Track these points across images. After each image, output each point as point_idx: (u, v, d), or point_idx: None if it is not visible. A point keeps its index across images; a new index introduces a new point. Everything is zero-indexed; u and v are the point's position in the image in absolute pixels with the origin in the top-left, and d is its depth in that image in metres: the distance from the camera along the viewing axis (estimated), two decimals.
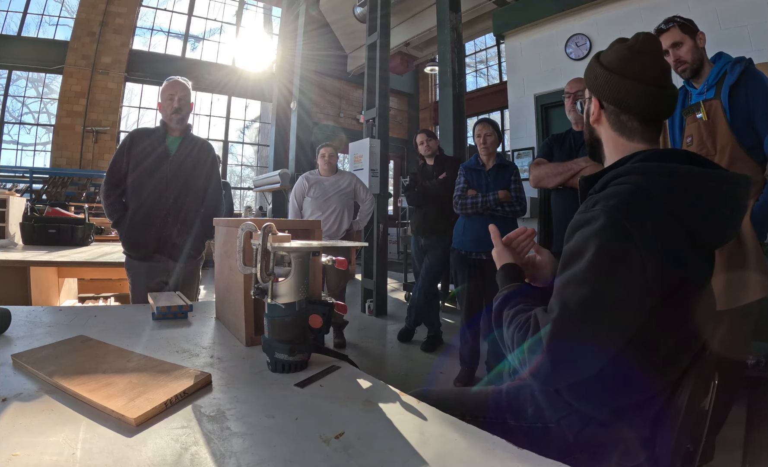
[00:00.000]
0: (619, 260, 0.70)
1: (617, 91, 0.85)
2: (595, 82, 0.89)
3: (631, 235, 0.69)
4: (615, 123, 0.87)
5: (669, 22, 1.71)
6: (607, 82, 0.86)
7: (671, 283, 0.71)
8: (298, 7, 7.67)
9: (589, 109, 0.91)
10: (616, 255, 0.70)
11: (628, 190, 0.74)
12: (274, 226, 0.91)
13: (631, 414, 0.76)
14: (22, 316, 1.23)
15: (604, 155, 0.91)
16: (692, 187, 0.74)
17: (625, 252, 0.69)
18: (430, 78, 10.68)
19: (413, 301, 3.43)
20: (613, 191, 0.76)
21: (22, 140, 8.12)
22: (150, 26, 8.94)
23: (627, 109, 0.85)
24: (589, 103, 0.91)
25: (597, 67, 0.89)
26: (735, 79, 1.61)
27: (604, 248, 0.70)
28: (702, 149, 1.70)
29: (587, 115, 0.93)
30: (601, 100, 0.88)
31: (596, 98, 0.89)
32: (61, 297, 3.00)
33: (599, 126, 0.91)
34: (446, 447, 0.62)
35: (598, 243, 0.70)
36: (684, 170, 0.75)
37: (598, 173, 0.86)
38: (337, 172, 3.37)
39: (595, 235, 0.71)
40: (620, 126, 0.86)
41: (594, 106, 0.90)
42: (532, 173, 2.27)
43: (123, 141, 2.11)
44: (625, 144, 0.86)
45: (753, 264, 1.55)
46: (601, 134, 0.91)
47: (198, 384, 0.78)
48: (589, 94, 0.91)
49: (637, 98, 0.83)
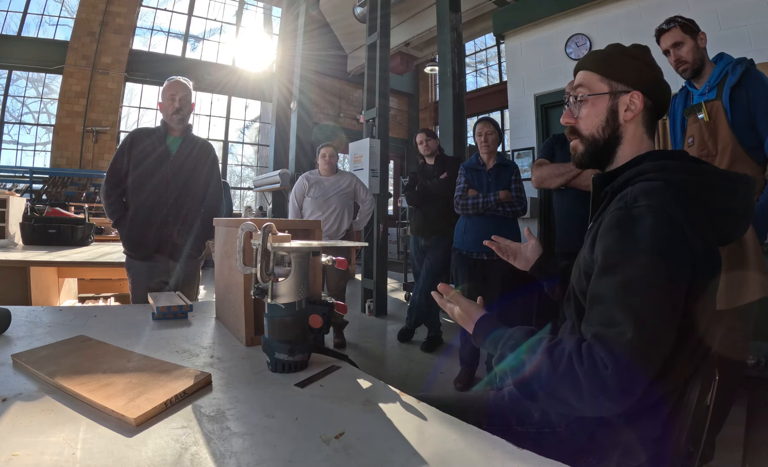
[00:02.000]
0: (679, 256, 0.67)
1: (662, 90, 0.85)
2: (639, 75, 0.84)
3: (683, 229, 0.67)
4: (648, 120, 0.85)
5: (670, 23, 1.71)
6: (654, 79, 0.85)
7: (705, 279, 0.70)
8: (298, 7, 7.66)
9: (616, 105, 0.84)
10: (676, 251, 0.67)
11: (663, 186, 0.72)
12: (274, 226, 0.91)
13: (644, 416, 0.75)
14: (22, 316, 1.23)
15: (617, 155, 0.86)
16: (715, 186, 0.75)
17: (681, 247, 0.67)
18: (430, 78, 10.68)
19: (414, 302, 3.43)
20: (649, 187, 0.72)
21: (22, 140, 8.13)
22: (150, 26, 8.94)
23: (666, 107, 0.86)
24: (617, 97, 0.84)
25: (636, 62, 0.85)
26: (736, 80, 1.61)
27: (663, 245, 0.66)
28: (703, 149, 1.70)
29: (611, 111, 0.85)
30: (649, 96, 0.84)
31: (641, 93, 0.83)
32: (61, 297, 3.00)
33: (629, 124, 0.85)
34: (446, 447, 0.62)
35: (656, 240, 0.66)
36: (708, 168, 0.76)
37: (614, 171, 0.84)
38: (337, 172, 3.37)
39: (650, 232, 0.67)
40: (650, 124, 0.86)
41: (638, 99, 0.83)
42: (534, 174, 2.27)
43: (123, 141, 2.11)
44: (647, 142, 0.86)
45: (753, 264, 1.55)
46: (626, 132, 0.85)
47: (198, 384, 0.78)
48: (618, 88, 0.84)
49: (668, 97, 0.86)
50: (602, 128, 0.86)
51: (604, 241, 0.73)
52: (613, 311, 0.66)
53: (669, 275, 0.66)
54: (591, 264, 0.78)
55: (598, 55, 0.90)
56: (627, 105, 0.84)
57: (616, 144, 0.86)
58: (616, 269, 0.69)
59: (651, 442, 0.76)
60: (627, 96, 0.84)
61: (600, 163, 0.90)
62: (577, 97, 0.89)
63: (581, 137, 0.89)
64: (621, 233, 0.71)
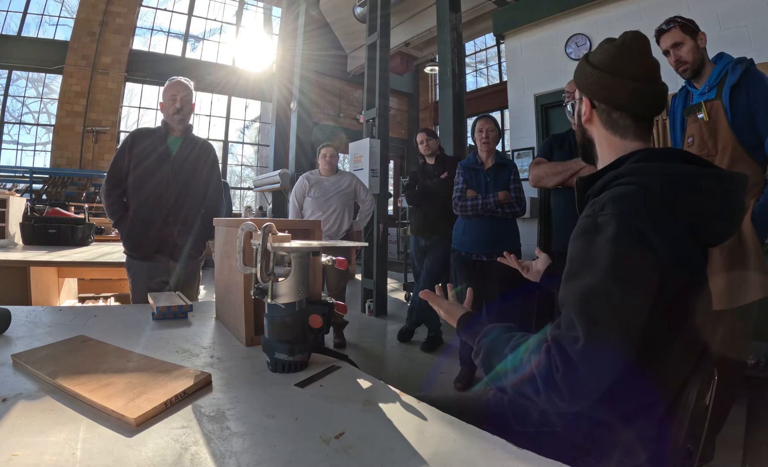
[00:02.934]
0: (639, 266, 0.67)
1: (609, 89, 0.85)
2: (585, 81, 0.88)
3: (647, 238, 0.68)
4: (607, 122, 0.87)
5: (670, 23, 1.71)
6: (598, 81, 0.85)
7: (680, 284, 0.70)
8: (298, 7, 7.66)
9: (581, 109, 0.91)
10: (635, 262, 0.68)
11: (635, 191, 0.72)
12: (274, 226, 0.91)
13: (641, 415, 0.75)
14: (22, 316, 1.23)
15: (597, 155, 0.91)
16: (695, 187, 0.74)
17: (642, 257, 0.68)
18: (430, 78, 10.68)
19: (414, 302, 3.43)
20: (619, 192, 0.74)
21: (22, 140, 8.13)
22: (150, 26, 8.94)
23: (619, 106, 0.84)
24: (580, 103, 0.91)
25: (586, 67, 0.88)
26: (736, 79, 1.61)
27: (623, 254, 0.67)
28: (703, 149, 1.70)
29: (578, 116, 0.92)
30: (593, 99, 0.88)
31: (587, 98, 0.88)
32: (61, 297, 3.00)
33: (591, 126, 0.90)
34: (446, 447, 0.62)
35: (615, 250, 0.68)
36: (687, 169, 0.75)
37: (596, 174, 0.85)
38: (337, 172, 3.37)
39: (610, 241, 0.68)
40: (612, 124, 0.86)
41: (585, 105, 0.89)
42: (531, 173, 2.27)
43: (124, 141, 2.11)
44: (618, 142, 0.86)
45: (753, 264, 1.55)
46: (593, 134, 0.90)
47: (198, 384, 0.78)
48: (580, 94, 0.90)
49: (629, 95, 0.83)
50: (578, 131, 0.95)
51: (571, 247, 0.76)
52: (571, 315, 0.68)
53: (626, 283, 0.67)
54: None
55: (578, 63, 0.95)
56: (584, 109, 0.90)
57: (591, 146, 0.92)
58: (578, 275, 0.71)
59: (650, 442, 0.75)
60: (582, 102, 0.90)
61: (590, 161, 0.95)
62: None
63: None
64: (584, 240, 0.73)
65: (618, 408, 0.76)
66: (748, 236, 1.57)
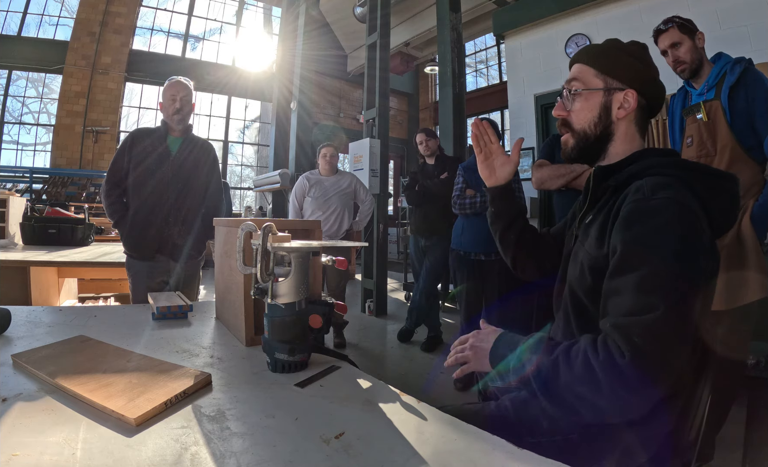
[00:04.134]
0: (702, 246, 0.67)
1: (654, 87, 0.85)
2: (635, 75, 0.84)
3: (701, 223, 0.69)
4: (640, 119, 0.86)
5: (668, 23, 1.71)
6: (648, 76, 0.85)
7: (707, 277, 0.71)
8: (298, 7, 7.67)
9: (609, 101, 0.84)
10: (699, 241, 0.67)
11: (675, 182, 0.73)
12: (274, 226, 0.91)
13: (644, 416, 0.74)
14: (22, 316, 1.23)
15: (608, 151, 0.87)
16: (710, 183, 0.76)
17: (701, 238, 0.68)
18: (430, 78, 10.68)
19: (414, 302, 3.43)
20: (662, 181, 0.73)
21: (22, 140, 8.13)
22: (150, 26, 8.94)
23: (659, 107, 0.86)
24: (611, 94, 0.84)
25: (630, 60, 0.85)
26: (735, 79, 1.61)
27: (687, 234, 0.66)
28: (702, 149, 1.70)
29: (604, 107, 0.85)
30: (642, 94, 0.85)
31: (635, 91, 0.84)
32: (61, 297, 3.00)
33: (623, 121, 0.85)
34: (446, 447, 0.62)
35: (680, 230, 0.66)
36: (705, 167, 0.78)
37: (615, 165, 0.85)
38: (337, 172, 3.37)
39: (674, 222, 0.67)
40: (643, 122, 0.86)
41: (632, 98, 0.83)
42: (534, 175, 2.27)
43: (124, 141, 2.11)
44: (638, 141, 0.86)
45: (753, 264, 1.55)
46: (619, 129, 0.85)
47: (198, 384, 0.78)
48: (613, 84, 0.84)
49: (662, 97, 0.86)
50: (594, 124, 0.86)
51: (622, 234, 0.71)
52: (636, 300, 0.64)
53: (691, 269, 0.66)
54: (600, 259, 0.76)
55: (595, 49, 0.89)
56: (620, 102, 0.84)
57: (607, 141, 0.86)
58: (639, 261, 0.66)
59: (651, 442, 0.75)
60: (621, 93, 0.84)
61: (589, 158, 0.89)
62: (571, 90, 0.88)
63: (572, 131, 0.89)
64: (642, 225, 0.69)
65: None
66: (748, 236, 1.57)
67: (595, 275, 0.77)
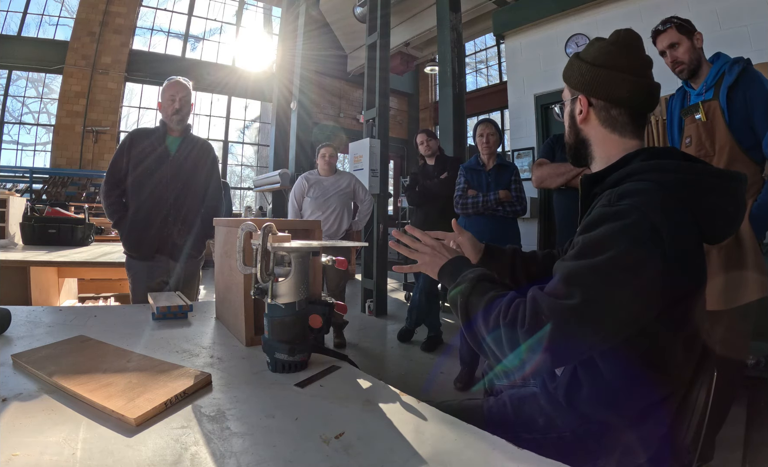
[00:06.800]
0: (647, 258, 0.67)
1: (608, 85, 0.84)
2: (581, 79, 0.86)
3: (661, 234, 0.68)
4: (606, 119, 0.85)
5: (666, 23, 1.71)
6: (596, 77, 0.84)
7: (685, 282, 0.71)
8: (298, 7, 7.66)
9: (573, 110, 0.89)
10: (644, 253, 0.67)
11: (651, 187, 0.72)
12: (274, 226, 0.92)
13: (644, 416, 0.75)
14: (22, 316, 1.23)
15: (593, 155, 0.89)
16: (706, 185, 0.74)
17: (652, 251, 0.68)
18: (430, 78, 10.67)
19: (414, 302, 3.43)
20: (636, 187, 0.73)
21: (22, 140, 8.12)
22: (150, 26, 8.93)
23: (619, 102, 0.84)
24: (573, 103, 0.89)
25: (581, 64, 0.87)
26: (733, 79, 1.61)
27: (634, 244, 0.67)
28: (701, 149, 1.70)
29: (571, 116, 0.90)
30: (590, 96, 0.86)
31: (584, 96, 0.87)
32: (61, 297, 3.00)
33: (587, 126, 0.88)
34: (446, 447, 0.62)
35: (628, 239, 0.68)
36: (700, 168, 0.76)
37: (602, 172, 0.84)
38: (336, 172, 3.38)
39: (626, 230, 0.68)
40: (611, 122, 0.85)
41: (582, 104, 0.87)
42: (534, 174, 2.28)
43: (123, 141, 2.11)
44: (617, 140, 0.85)
45: (752, 264, 1.55)
46: (588, 134, 0.89)
47: (198, 384, 0.78)
48: (573, 94, 0.89)
49: (628, 90, 0.83)
50: (569, 133, 0.92)
51: (584, 236, 0.74)
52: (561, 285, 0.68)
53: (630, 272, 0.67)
54: None
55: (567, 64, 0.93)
56: (579, 109, 0.88)
57: (585, 146, 0.90)
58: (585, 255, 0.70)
59: (651, 442, 0.76)
60: (578, 101, 0.88)
61: (579, 163, 0.94)
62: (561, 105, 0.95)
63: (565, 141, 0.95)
64: (598, 227, 0.72)
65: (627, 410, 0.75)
66: (746, 236, 1.57)
67: None
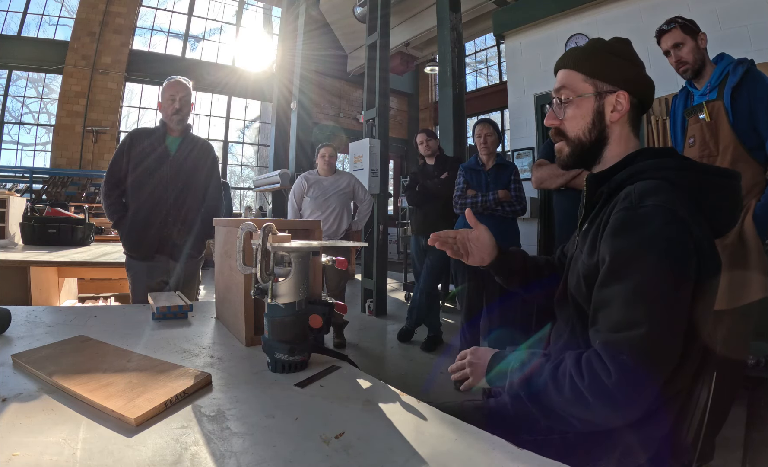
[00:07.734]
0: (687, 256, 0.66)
1: (644, 85, 0.83)
2: (624, 74, 0.82)
3: (690, 228, 0.67)
4: (634, 119, 0.84)
5: (670, 23, 1.71)
6: (637, 75, 0.83)
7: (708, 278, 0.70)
8: (298, 7, 7.66)
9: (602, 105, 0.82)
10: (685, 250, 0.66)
11: (667, 186, 0.71)
12: (274, 226, 0.91)
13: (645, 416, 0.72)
14: (22, 316, 1.23)
15: (603, 156, 0.85)
16: (709, 182, 0.75)
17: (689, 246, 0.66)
18: (430, 78, 10.67)
19: (414, 302, 3.43)
20: (652, 185, 0.71)
21: (22, 140, 8.12)
22: (150, 26, 8.93)
23: (650, 102, 0.85)
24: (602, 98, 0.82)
25: (619, 60, 0.83)
26: (737, 80, 1.61)
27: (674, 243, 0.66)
28: (704, 149, 1.70)
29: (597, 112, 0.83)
30: (634, 92, 0.82)
31: (627, 92, 0.81)
32: (61, 297, 3.00)
33: (615, 124, 0.83)
34: (446, 447, 0.62)
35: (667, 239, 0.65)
36: (702, 166, 0.76)
37: (607, 171, 0.83)
38: (335, 172, 3.38)
39: (661, 230, 0.66)
40: (636, 122, 0.84)
41: (624, 99, 0.81)
42: (534, 175, 2.27)
43: (123, 141, 2.11)
44: (633, 141, 0.84)
45: (754, 264, 1.55)
46: (613, 133, 0.83)
47: (198, 384, 0.78)
48: (602, 88, 0.82)
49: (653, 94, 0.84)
50: (588, 130, 0.84)
51: (611, 243, 0.71)
52: (623, 314, 0.65)
53: (679, 275, 0.65)
54: (591, 268, 0.76)
55: (579, 52, 0.86)
56: (613, 105, 0.82)
57: (602, 145, 0.84)
58: (626, 272, 0.67)
59: (651, 442, 0.75)
60: (613, 96, 0.82)
61: (586, 164, 0.88)
62: (561, 98, 0.86)
63: (567, 139, 0.87)
64: (629, 234, 0.69)
65: None
66: (750, 236, 1.57)
67: (588, 284, 0.77)
